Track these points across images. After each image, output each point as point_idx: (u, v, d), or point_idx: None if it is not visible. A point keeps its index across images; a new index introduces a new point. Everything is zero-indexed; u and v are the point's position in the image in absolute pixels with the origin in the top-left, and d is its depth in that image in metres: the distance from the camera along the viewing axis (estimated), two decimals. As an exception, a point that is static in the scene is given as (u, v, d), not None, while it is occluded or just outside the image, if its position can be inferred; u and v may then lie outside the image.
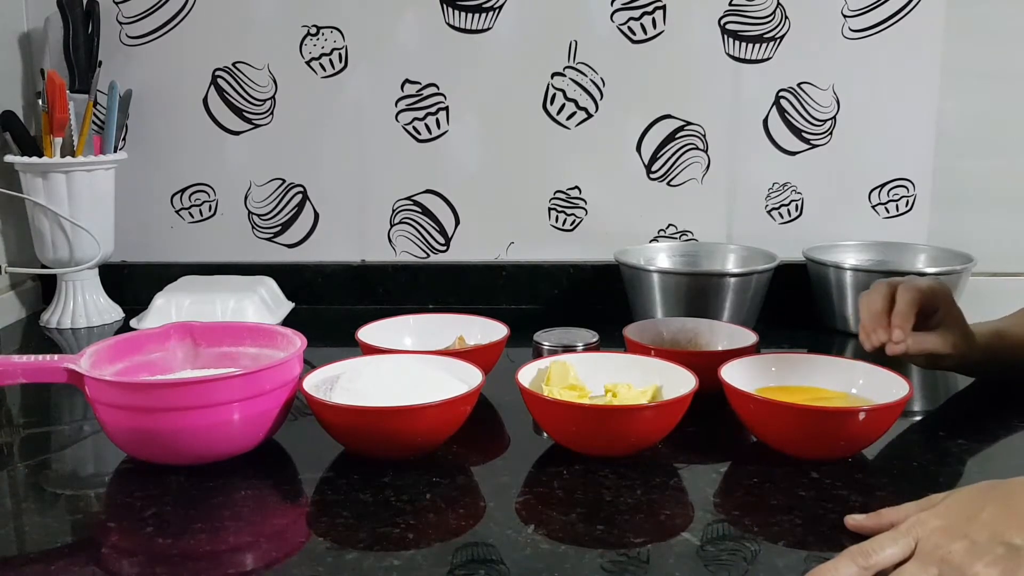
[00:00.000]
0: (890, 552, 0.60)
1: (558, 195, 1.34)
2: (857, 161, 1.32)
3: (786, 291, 1.24)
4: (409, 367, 0.87)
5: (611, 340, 0.99)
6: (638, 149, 1.32)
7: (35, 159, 1.19)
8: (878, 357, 0.87)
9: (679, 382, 0.83)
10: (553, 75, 1.30)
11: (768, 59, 1.30)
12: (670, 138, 1.32)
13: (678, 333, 1.02)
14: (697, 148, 1.32)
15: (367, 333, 0.98)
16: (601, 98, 1.31)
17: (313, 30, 1.29)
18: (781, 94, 1.31)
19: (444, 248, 1.35)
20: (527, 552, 0.65)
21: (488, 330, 1.01)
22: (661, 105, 1.31)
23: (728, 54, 1.30)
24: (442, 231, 1.35)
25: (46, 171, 1.19)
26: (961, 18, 1.28)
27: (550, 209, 1.34)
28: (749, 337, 0.96)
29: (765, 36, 1.29)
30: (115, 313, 1.27)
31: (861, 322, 0.89)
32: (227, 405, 0.76)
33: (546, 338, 0.99)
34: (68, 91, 1.20)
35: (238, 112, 1.32)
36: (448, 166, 1.33)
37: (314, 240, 1.35)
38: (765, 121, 1.32)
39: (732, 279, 1.15)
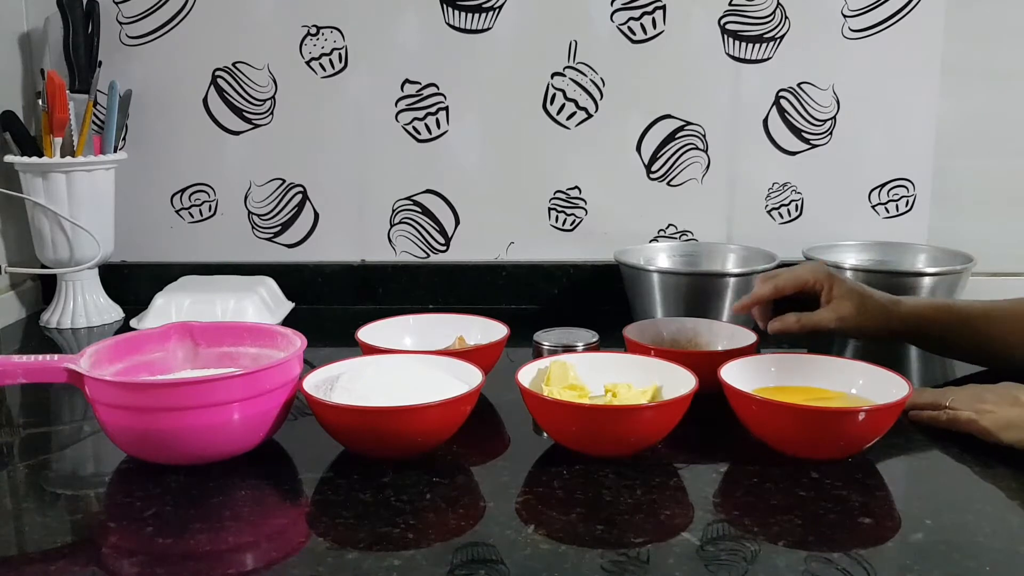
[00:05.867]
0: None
1: (558, 195, 1.34)
2: (857, 161, 1.32)
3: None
4: (409, 367, 0.87)
5: (611, 340, 0.99)
6: (638, 149, 1.32)
7: (35, 159, 1.19)
8: (881, 355, 0.87)
9: (679, 382, 0.83)
10: (553, 75, 1.30)
11: (768, 59, 1.30)
12: (670, 138, 1.32)
13: (678, 333, 1.02)
14: (697, 148, 1.32)
15: (367, 333, 0.98)
16: (601, 98, 1.31)
17: (313, 30, 1.29)
18: (781, 94, 1.31)
19: (444, 248, 1.35)
20: (527, 552, 0.65)
21: (488, 330, 1.01)
22: (661, 105, 1.31)
23: (728, 54, 1.30)
24: (442, 231, 1.35)
25: (46, 171, 1.19)
26: (961, 18, 1.28)
27: (550, 209, 1.34)
28: (749, 337, 0.96)
29: (765, 36, 1.29)
30: (115, 313, 1.27)
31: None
32: (227, 405, 0.76)
33: (546, 338, 0.99)
34: (68, 91, 1.20)
35: (238, 112, 1.32)
36: (448, 166, 1.33)
37: (314, 240, 1.35)
38: (765, 121, 1.32)
39: (732, 279, 1.15)
